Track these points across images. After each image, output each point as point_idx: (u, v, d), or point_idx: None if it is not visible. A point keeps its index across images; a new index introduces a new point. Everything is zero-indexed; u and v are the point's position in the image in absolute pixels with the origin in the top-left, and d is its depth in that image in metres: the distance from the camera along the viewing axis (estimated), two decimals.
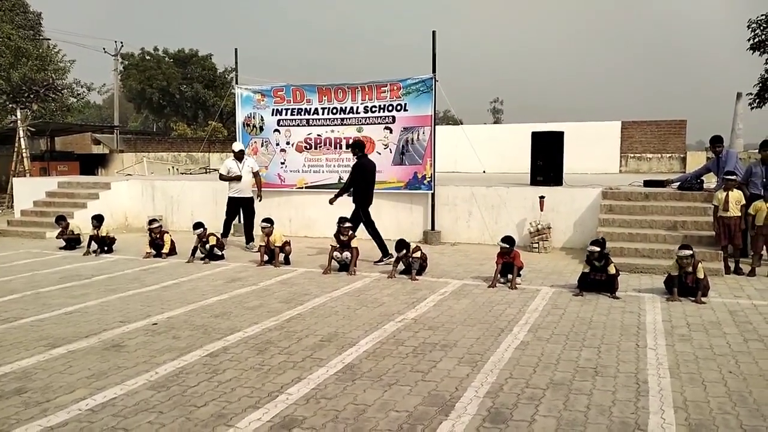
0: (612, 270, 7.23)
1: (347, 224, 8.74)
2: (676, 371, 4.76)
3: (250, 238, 11.09)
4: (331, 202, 9.73)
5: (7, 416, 4.01)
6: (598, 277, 7.25)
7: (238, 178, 10.95)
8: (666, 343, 5.47)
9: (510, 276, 7.82)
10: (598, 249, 7.17)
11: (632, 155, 19.15)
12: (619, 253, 8.85)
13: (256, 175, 11.28)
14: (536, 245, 10.45)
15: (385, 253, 9.48)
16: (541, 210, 10.62)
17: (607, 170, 18.05)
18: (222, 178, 11.24)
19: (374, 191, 9.85)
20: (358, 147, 9.79)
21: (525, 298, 7.15)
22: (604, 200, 10.40)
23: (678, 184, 10.61)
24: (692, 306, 6.77)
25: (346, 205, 9.56)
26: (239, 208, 11.15)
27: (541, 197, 10.63)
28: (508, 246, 7.79)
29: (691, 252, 6.97)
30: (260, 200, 11.29)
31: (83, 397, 4.32)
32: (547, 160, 11.35)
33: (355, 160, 9.78)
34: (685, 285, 7.05)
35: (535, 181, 11.42)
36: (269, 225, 9.47)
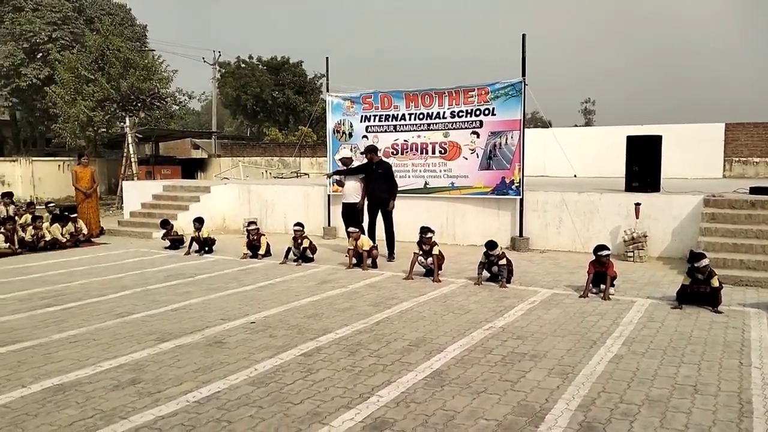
0: (716, 283, 6.86)
1: (429, 234, 8.76)
2: None
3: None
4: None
5: (123, 404, 4.38)
6: (701, 290, 6.90)
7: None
8: None
9: (602, 286, 7.60)
10: (707, 262, 6.82)
11: (737, 159, 17.99)
12: (722, 265, 8.38)
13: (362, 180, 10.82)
14: (631, 254, 10.06)
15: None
16: (637, 217, 10.22)
17: (708, 175, 17.05)
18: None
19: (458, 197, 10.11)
20: (374, 151, 10.78)
21: (619, 310, 6.93)
22: (706, 208, 9.87)
23: None
24: None
25: (428, 214, 9.52)
26: (347, 213, 10.80)
27: (637, 204, 10.23)
28: (608, 254, 7.58)
29: None
30: (359, 206, 10.78)
31: (190, 389, 4.64)
32: (643, 165, 10.91)
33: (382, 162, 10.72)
34: None
35: (630, 187, 11.00)
36: (357, 230, 9.76)
